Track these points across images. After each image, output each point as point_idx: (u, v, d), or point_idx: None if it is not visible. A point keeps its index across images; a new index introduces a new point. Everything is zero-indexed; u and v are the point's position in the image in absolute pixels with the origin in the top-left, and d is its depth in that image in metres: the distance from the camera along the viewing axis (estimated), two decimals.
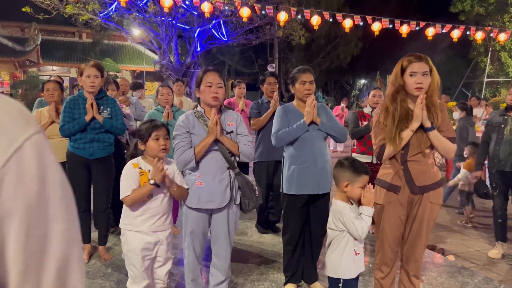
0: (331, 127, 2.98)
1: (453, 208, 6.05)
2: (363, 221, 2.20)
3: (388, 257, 2.49)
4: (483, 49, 19.90)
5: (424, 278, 3.40)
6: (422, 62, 2.33)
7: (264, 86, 4.35)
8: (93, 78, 3.36)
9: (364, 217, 2.21)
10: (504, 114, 4.11)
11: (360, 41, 24.73)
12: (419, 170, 2.36)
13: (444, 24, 13.23)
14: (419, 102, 2.28)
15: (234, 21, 13.56)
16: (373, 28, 12.16)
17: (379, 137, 2.41)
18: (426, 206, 2.38)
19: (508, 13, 18.80)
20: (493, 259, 4.21)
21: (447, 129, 2.38)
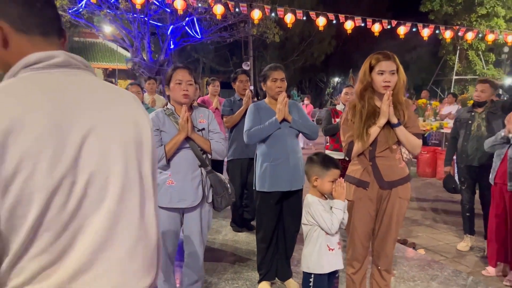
0: (302, 125, 2.99)
1: (425, 203, 6.19)
2: (334, 215, 2.21)
3: (359, 253, 2.51)
4: (452, 48, 20.48)
5: (395, 272, 3.47)
6: (390, 61, 2.36)
7: (236, 84, 4.33)
8: None
9: (335, 210, 2.22)
10: (471, 111, 4.23)
11: (333, 39, 25.04)
12: (387, 165, 2.40)
13: (415, 23, 13.52)
14: (386, 99, 2.32)
15: (208, 19, 13.46)
16: (346, 26, 12.29)
17: (348, 134, 2.43)
18: (395, 201, 2.42)
19: (475, 12, 19.39)
20: (461, 251, 4.32)
21: (413, 125, 2.43)
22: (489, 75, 19.68)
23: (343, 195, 2.23)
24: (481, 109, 4.13)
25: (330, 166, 2.26)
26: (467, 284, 3.26)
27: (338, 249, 2.30)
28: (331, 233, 2.23)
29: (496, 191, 3.66)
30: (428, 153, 8.14)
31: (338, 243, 2.30)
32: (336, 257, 2.29)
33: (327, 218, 2.21)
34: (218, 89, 5.20)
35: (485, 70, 19.93)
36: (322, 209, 2.24)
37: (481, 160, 4.03)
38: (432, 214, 5.67)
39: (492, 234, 3.74)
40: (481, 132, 4.06)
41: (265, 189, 2.96)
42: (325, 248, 2.26)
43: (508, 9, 19.60)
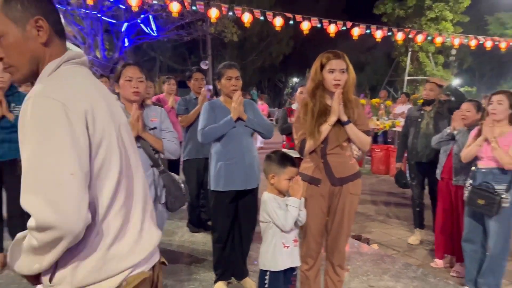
0: (257, 123, 2.99)
1: (379, 199, 6.38)
2: (288, 212, 2.22)
3: (312, 249, 2.54)
4: (404, 50, 21.26)
5: (349, 267, 3.54)
6: (340, 60, 2.40)
7: (191, 82, 4.27)
8: (0, 73, 3.07)
9: (290, 208, 2.23)
10: (421, 109, 4.40)
11: (291, 39, 25.31)
12: (338, 162, 2.44)
13: (368, 25, 13.93)
14: (336, 97, 2.36)
15: (164, 16, 13.21)
16: (302, 27, 12.48)
17: (300, 132, 2.46)
18: (346, 197, 2.47)
19: (425, 16, 20.23)
20: (412, 245, 4.49)
21: (362, 123, 2.49)
22: (439, 76, 20.61)
23: (299, 192, 2.25)
24: (430, 108, 4.31)
25: (287, 164, 2.26)
26: (416, 276, 3.39)
27: (294, 246, 2.31)
28: (285, 230, 2.24)
29: (442, 186, 3.82)
30: (381, 151, 8.40)
31: (295, 241, 2.31)
32: (292, 254, 2.30)
33: (281, 215, 2.21)
34: (174, 88, 5.11)
35: (435, 71, 20.83)
36: (277, 206, 2.24)
37: (429, 156, 4.20)
38: (385, 209, 5.86)
39: (439, 228, 3.91)
40: (429, 130, 4.23)
41: (220, 189, 2.93)
42: (280, 246, 2.27)
43: (455, 13, 20.60)
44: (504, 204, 3.04)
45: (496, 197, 3.02)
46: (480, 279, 3.22)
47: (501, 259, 3.15)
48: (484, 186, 3.12)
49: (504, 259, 3.17)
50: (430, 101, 4.30)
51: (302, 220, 2.32)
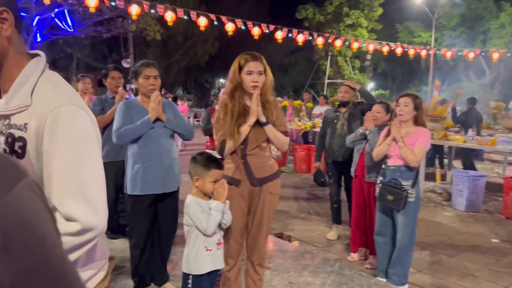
0: (177, 124, 2.93)
1: (301, 197, 6.59)
2: (211, 216, 2.20)
3: (233, 249, 2.54)
4: (324, 54, 22.27)
5: (271, 265, 3.61)
6: (257, 62, 2.43)
7: (108, 81, 4.07)
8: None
9: (212, 211, 2.21)
10: (337, 111, 4.62)
11: (217, 40, 25.28)
12: (257, 163, 2.47)
13: (290, 28, 14.36)
14: (255, 98, 2.38)
15: (81, 11, 12.49)
16: (227, 28, 12.51)
17: (220, 133, 2.45)
18: (265, 197, 2.50)
19: (343, 22, 21.38)
20: (330, 240, 4.69)
21: (281, 124, 2.55)
22: (356, 79, 21.89)
23: (224, 196, 2.22)
24: (345, 110, 4.54)
25: (212, 167, 2.23)
26: (334, 270, 3.54)
27: (217, 249, 2.29)
28: (207, 234, 2.21)
29: (356, 183, 4.04)
30: (303, 151, 8.70)
31: (218, 243, 2.29)
32: (215, 257, 2.28)
33: (203, 219, 2.18)
34: (89, 87, 4.83)
35: (352, 75, 22.13)
36: (199, 210, 2.21)
37: (345, 155, 4.42)
38: (307, 207, 6.07)
39: (354, 223, 4.13)
40: (344, 130, 4.45)
41: (137, 192, 2.82)
42: (202, 249, 2.24)
43: (370, 21, 22.04)
44: (410, 199, 3.29)
45: (403, 193, 3.26)
46: (390, 269, 3.46)
47: (408, 250, 3.40)
48: (392, 182, 3.35)
49: (410, 250, 3.43)
50: (345, 103, 4.53)
51: (227, 223, 2.31)
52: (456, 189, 6.20)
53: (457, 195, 6.18)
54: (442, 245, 4.61)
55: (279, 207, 6.00)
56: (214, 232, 2.22)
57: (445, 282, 3.69)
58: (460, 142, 6.55)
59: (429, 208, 6.18)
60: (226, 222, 2.29)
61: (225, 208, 2.25)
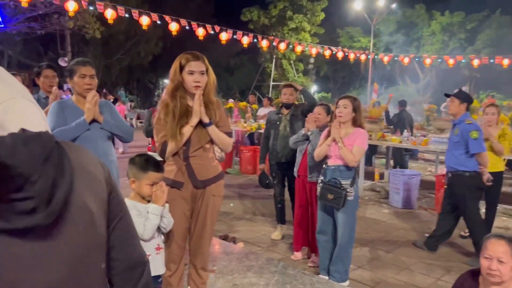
0: (115, 126, 2.81)
1: (246, 198, 6.60)
2: (148, 220, 2.13)
3: (175, 254, 2.48)
4: (269, 57, 22.56)
5: (215, 268, 3.57)
6: (199, 61, 2.40)
7: (41, 80, 3.83)
8: None
9: (150, 215, 2.14)
10: (279, 113, 4.68)
11: (160, 40, 24.74)
12: (200, 164, 2.43)
13: (235, 30, 14.40)
14: (197, 98, 2.35)
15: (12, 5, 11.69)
16: (171, 28, 12.29)
17: (161, 134, 2.38)
18: (209, 199, 2.47)
19: (287, 26, 21.79)
20: (275, 240, 4.74)
21: (224, 125, 2.53)
22: (299, 82, 22.38)
23: (162, 199, 2.15)
24: (287, 111, 4.61)
25: (149, 169, 2.16)
26: (277, 270, 3.57)
27: (157, 254, 2.21)
28: (144, 239, 2.13)
29: (299, 183, 4.12)
30: (249, 152, 8.74)
31: (157, 248, 2.22)
32: (154, 263, 2.20)
33: (140, 223, 2.11)
34: None
35: (296, 77, 22.61)
36: (135, 213, 2.13)
37: (288, 156, 4.48)
38: (252, 208, 6.09)
39: (296, 222, 4.20)
40: (287, 132, 4.52)
41: None
42: None
43: (313, 25, 22.64)
44: (349, 197, 3.40)
45: (342, 192, 3.37)
46: (331, 266, 3.55)
47: (348, 247, 3.52)
48: (332, 182, 3.45)
49: (350, 247, 3.55)
50: (289, 105, 4.60)
51: (167, 227, 2.24)
52: (393, 187, 6.52)
53: (394, 193, 6.50)
54: (380, 241, 4.82)
55: (224, 209, 5.99)
56: (151, 236, 2.16)
57: (383, 277, 3.85)
58: (396, 143, 6.90)
59: (368, 206, 6.44)
60: (166, 226, 2.23)
61: (164, 211, 2.19)
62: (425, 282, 3.78)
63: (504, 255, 2.10)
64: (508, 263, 2.10)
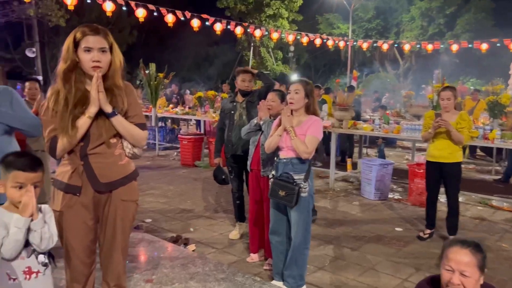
0: (13, 117, 2.35)
1: (209, 194, 6.18)
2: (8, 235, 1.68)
3: (78, 272, 2.05)
4: (247, 44, 22.01)
5: (154, 277, 3.16)
6: (99, 36, 1.95)
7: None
8: None
9: (11, 229, 1.69)
10: (233, 101, 4.25)
11: (135, 29, 23.93)
12: (103, 163, 1.99)
13: (207, 17, 13.82)
14: (94, 82, 1.90)
15: None
16: (137, 14, 11.68)
17: (49, 128, 1.93)
18: (117, 205, 2.04)
19: (264, 12, 21.24)
20: (232, 240, 4.35)
21: (136, 114, 2.09)
22: (278, 70, 21.93)
23: (28, 207, 1.69)
24: (242, 99, 4.18)
25: (11, 167, 1.71)
26: (225, 276, 3.18)
27: (26, 279, 1.75)
28: (6, 257, 1.70)
29: (252, 177, 3.72)
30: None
31: (27, 272, 1.76)
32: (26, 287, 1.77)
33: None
34: None
35: (275, 66, 22.12)
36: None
37: (244, 148, 4.07)
38: (214, 205, 5.67)
39: (251, 221, 3.81)
40: (242, 121, 4.10)
41: None
42: (4, 277, 1.72)
43: (291, 11, 22.13)
44: (302, 194, 3.01)
45: (295, 187, 2.97)
46: (285, 271, 3.17)
47: (302, 249, 3.13)
48: (284, 176, 3.05)
49: (306, 249, 3.16)
50: (247, 93, 4.17)
51: (44, 244, 1.74)
52: (364, 177, 6.18)
53: (366, 184, 6.16)
54: (346, 238, 4.47)
55: (183, 206, 5.56)
56: (12, 255, 1.70)
57: (344, 279, 3.49)
58: (368, 131, 6.55)
59: (339, 198, 6.09)
60: (42, 243, 1.75)
61: (35, 224, 1.73)
62: (390, 284, 3.43)
63: (467, 268, 1.74)
64: (473, 277, 1.74)
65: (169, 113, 10.14)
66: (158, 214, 5.16)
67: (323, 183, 6.92)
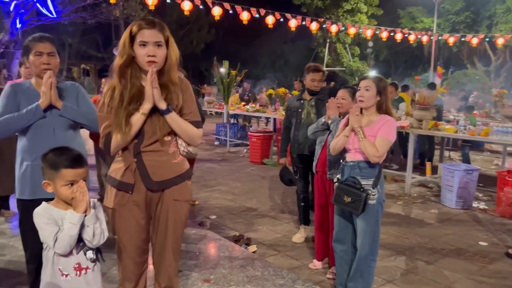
0: (79, 113, 2.40)
1: (275, 193, 6.06)
2: (63, 230, 1.69)
3: (130, 271, 2.02)
4: (322, 41, 21.53)
5: (212, 277, 3.10)
6: (154, 30, 1.89)
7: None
8: None
9: (65, 224, 1.70)
10: (301, 99, 4.07)
11: (213, 28, 24.58)
12: (156, 161, 1.93)
13: (283, 13, 13.70)
14: (149, 77, 1.84)
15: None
16: (213, 12, 11.90)
17: (104, 124, 1.91)
18: (169, 205, 1.98)
19: (342, 7, 20.60)
20: (296, 243, 4.18)
21: (191, 112, 2.00)
22: (355, 67, 21.18)
23: (82, 203, 1.69)
24: (310, 96, 3.99)
25: (60, 166, 1.71)
26: (284, 283, 3.03)
27: (77, 276, 1.76)
28: (59, 252, 1.71)
29: (318, 180, 3.51)
30: None
31: (77, 268, 1.76)
32: (75, 285, 1.77)
33: (50, 232, 1.69)
34: None
35: (351, 62, 21.36)
36: (45, 221, 1.71)
37: (311, 148, 3.87)
38: (280, 205, 5.53)
39: (317, 225, 3.61)
40: (310, 119, 3.91)
41: (26, 197, 2.32)
42: (57, 273, 1.74)
43: (370, 6, 21.21)
44: (370, 201, 2.75)
45: (362, 194, 2.72)
46: (349, 283, 2.93)
47: (369, 260, 2.86)
48: (350, 181, 2.81)
49: (373, 260, 2.89)
50: (316, 92, 3.97)
51: (96, 240, 1.74)
52: (446, 184, 5.64)
53: (446, 191, 5.62)
54: (421, 249, 4.08)
55: (249, 204, 5.49)
56: (66, 251, 1.71)
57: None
58: (452, 133, 5.97)
59: (415, 205, 5.63)
60: (95, 239, 1.75)
61: (88, 219, 1.72)
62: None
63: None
64: None
65: (240, 110, 10.20)
66: (223, 211, 5.14)
67: (398, 187, 6.47)
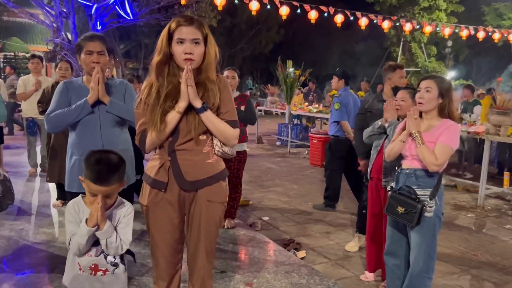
0: (125, 109, 2.44)
1: None
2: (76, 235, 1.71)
3: (163, 270, 2.01)
4: (396, 40, 20.60)
5: (255, 281, 3.02)
6: (192, 27, 1.84)
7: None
8: None
9: (78, 231, 1.73)
10: (383, 100, 3.81)
11: (282, 28, 24.54)
12: (190, 161, 1.89)
13: (353, 11, 13.28)
14: (184, 74, 1.80)
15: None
16: (281, 12, 11.85)
17: (141, 121, 1.90)
18: (202, 206, 1.93)
19: (418, 5, 19.54)
20: (349, 252, 3.96)
21: (227, 111, 1.93)
22: (430, 67, 19.99)
23: (93, 218, 1.69)
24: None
25: (87, 176, 1.75)
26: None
27: (92, 275, 1.77)
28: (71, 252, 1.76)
29: (372, 187, 3.29)
30: None
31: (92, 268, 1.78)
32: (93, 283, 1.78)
33: (69, 231, 1.76)
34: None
35: (427, 62, 20.19)
36: (69, 218, 1.75)
37: None
38: (336, 210, 5.31)
39: (369, 235, 3.38)
40: None
41: (75, 190, 2.40)
42: (76, 265, 1.78)
43: (450, 2, 19.89)
44: (427, 213, 2.50)
45: (418, 205, 2.48)
46: None
47: (423, 278, 2.61)
48: (405, 190, 2.58)
49: (428, 278, 2.63)
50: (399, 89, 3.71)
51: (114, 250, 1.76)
52: None
53: None
54: (491, 269, 3.67)
55: (303, 207, 5.34)
56: (77, 254, 1.74)
57: None
58: None
59: (488, 219, 5.12)
60: (109, 251, 1.76)
61: (100, 234, 1.71)
62: None
63: None
64: None
65: (303, 110, 10.02)
66: (276, 213, 5.05)
67: (471, 198, 5.93)
